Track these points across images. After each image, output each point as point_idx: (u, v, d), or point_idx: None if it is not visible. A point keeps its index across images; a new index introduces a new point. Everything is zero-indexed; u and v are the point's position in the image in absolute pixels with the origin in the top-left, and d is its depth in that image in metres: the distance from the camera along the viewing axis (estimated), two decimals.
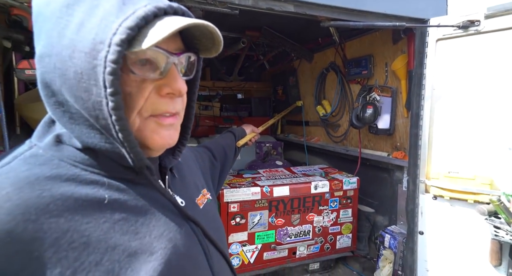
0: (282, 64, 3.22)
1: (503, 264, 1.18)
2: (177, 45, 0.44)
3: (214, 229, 0.56)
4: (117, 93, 0.37)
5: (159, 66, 0.42)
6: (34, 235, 0.34)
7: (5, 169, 0.38)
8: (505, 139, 1.21)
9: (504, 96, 1.21)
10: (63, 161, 0.41)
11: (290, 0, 1.21)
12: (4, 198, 0.34)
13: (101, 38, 0.36)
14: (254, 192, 1.71)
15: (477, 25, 1.22)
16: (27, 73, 1.10)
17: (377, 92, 1.90)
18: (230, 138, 1.11)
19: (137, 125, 0.43)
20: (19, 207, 0.34)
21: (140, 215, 0.44)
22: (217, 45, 0.46)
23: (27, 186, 0.36)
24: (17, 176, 0.37)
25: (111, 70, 0.36)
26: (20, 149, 0.43)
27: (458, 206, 1.33)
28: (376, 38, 1.96)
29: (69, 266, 0.35)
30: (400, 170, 1.84)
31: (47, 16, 0.39)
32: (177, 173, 0.59)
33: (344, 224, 1.96)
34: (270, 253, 1.79)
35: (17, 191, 0.35)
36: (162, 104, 0.43)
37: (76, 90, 0.38)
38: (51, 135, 0.43)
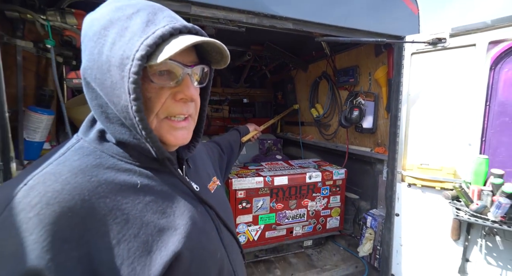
0: (281, 73, 3.23)
1: (461, 238, 1.22)
2: (191, 58, 0.46)
3: (223, 210, 0.58)
4: (138, 98, 0.39)
5: (175, 76, 0.43)
6: (88, 211, 0.37)
7: (62, 159, 0.41)
8: (465, 136, 1.25)
9: (465, 101, 1.25)
10: (104, 153, 0.43)
11: (289, 19, 1.22)
12: (65, 181, 0.37)
13: (127, 54, 0.38)
14: (258, 181, 1.73)
15: (444, 42, 1.25)
16: (74, 82, 1.16)
17: (362, 97, 1.92)
18: (235, 135, 1.12)
19: (154, 125, 0.44)
20: (76, 189, 0.37)
21: (165, 198, 0.45)
22: (225, 59, 0.48)
23: (80, 172, 0.39)
24: (71, 164, 0.40)
25: (133, 80, 0.38)
26: (70, 142, 0.45)
27: (428, 192, 1.37)
28: (361, 51, 1.98)
29: (114, 237, 0.38)
30: (381, 163, 1.86)
31: (90, 37, 0.41)
32: (192, 163, 0.60)
33: (333, 208, 1.98)
34: (271, 232, 1.82)
35: (73, 176, 0.38)
36: (176, 107, 0.45)
37: (111, 96, 0.41)
38: (95, 130, 0.45)
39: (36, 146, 1.27)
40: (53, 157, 0.41)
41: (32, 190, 0.36)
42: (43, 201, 0.35)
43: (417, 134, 1.42)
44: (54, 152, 0.43)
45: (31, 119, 1.23)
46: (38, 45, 1.21)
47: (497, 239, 1.08)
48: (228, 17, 1.12)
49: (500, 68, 1.16)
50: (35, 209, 0.34)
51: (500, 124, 1.17)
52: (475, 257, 1.21)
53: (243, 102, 3.65)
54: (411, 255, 1.45)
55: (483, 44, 1.18)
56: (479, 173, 1.16)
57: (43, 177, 0.37)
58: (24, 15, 1.03)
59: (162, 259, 0.40)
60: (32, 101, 1.35)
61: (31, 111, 1.23)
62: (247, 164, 2.15)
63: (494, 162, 1.16)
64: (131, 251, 0.38)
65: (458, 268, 1.25)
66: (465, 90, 1.25)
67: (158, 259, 0.40)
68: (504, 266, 1.14)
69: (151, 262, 0.39)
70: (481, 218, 1.08)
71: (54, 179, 0.37)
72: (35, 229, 0.33)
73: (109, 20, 0.40)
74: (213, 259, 0.49)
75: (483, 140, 1.21)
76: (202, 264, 0.46)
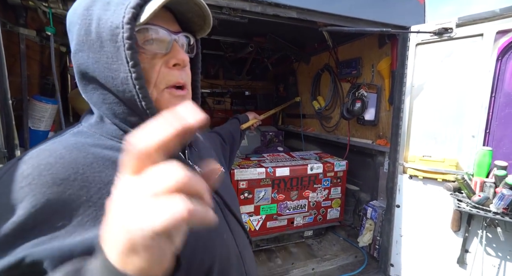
0: (283, 66, 3.19)
1: (461, 229, 1.22)
2: (175, 27, 0.45)
3: (228, 195, 0.57)
4: (137, 64, 0.38)
5: (164, 43, 0.43)
6: (81, 184, 0.36)
7: (58, 139, 0.41)
8: (469, 128, 1.22)
9: (470, 93, 1.22)
10: (103, 136, 0.43)
11: (293, 8, 1.19)
12: (59, 156, 0.36)
13: (116, 23, 0.38)
14: (259, 172, 1.72)
15: (450, 32, 1.21)
16: None
17: (364, 89, 1.89)
18: (235, 124, 1.11)
19: (155, 96, 0.43)
20: (71, 163, 0.36)
21: None
22: (207, 21, 0.46)
23: (75, 149, 0.38)
24: (67, 142, 0.39)
25: (128, 46, 0.37)
26: (70, 128, 0.45)
27: (430, 184, 1.36)
28: (364, 43, 1.93)
29: None
30: (382, 155, 1.84)
31: (74, 21, 0.41)
32: (196, 147, 0.59)
33: (334, 200, 1.97)
34: (272, 222, 1.82)
35: (68, 152, 0.37)
36: (172, 75, 0.44)
37: (108, 71, 0.40)
38: (95, 116, 0.45)
39: (41, 134, 1.26)
40: (51, 139, 0.41)
41: (25, 163, 0.35)
42: (35, 172, 0.34)
43: (420, 126, 1.40)
44: (54, 136, 0.43)
45: (36, 108, 1.22)
46: (41, 34, 1.19)
47: (498, 230, 1.07)
48: (231, 5, 1.09)
49: (508, 58, 1.13)
50: (27, 179, 0.34)
51: (505, 115, 1.14)
52: (474, 248, 1.20)
53: (245, 95, 3.62)
54: (411, 246, 1.45)
55: (491, 34, 1.14)
56: (482, 165, 1.14)
57: (36, 153, 0.37)
58: (26, 2, 1.00)
59: None
60: (37, 90, 1.34)
61: (35, 100, 1.22)
62: (249, 156, 2.14)
63: (497, 154, 1.14)
64: None
65: (457, 258, 1.25)
66: (470, 81, 1.22)
67: None
68: (503, 257, 1.13)
69: None
70: (483, 209, 1.07)
71: (48, 154, 0.36)
72: (26, 197, 0.33)
73: (91, 0, 0.40)
74: (219, 240, 0.48)
75: (487, 132, 1.19)
76: (208, 244, 0.45)
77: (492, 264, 1.16)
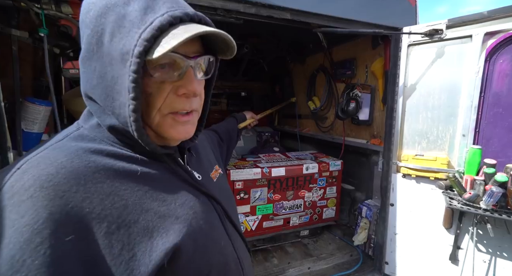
0: (279, 66, 3.19)
1: (453, 226, 1.24)
2: (195, 48, 0.42)
3: (226, 199, 0.56)
4: (137, 98, 0.37)
5: (177, 68, 0.40)
6: (84, 195, 0.35)
7: (58, 145, 0.39)
8: (460, 127, 1.25)
9: (461, 93, 1.25)
10: (104, 141, 0.41)
11: (287, 9, 1.20)
12: (60, 166, 0.35)
13: (127, 49, 0.35)
14: (255, 172, 1.73)
15: (440, 33, 1.24)
16: (71, 72, 1.13)
17: (358, 89, 1.91)
18: (233, 122, 1.11)
19: (157, 121, 0.42)
20: (72, 173, 0.35)
21: (166, 187, 0.44)
22: (231, 49, 0.44)
23: (77, 157, 0.37)
24: (68, 149, 0.38)
25: (132, 79, 0.35)
26: (70, 129, 0.43)
27: (422, 183, 1.38)
28: (358, 44, 1.96)
29: (114, 221, 0.36)
30: (376, 154, 1.86)
31: (87, 24, 0.39)
32: (194, 152, 0.58)
33: (329, 199, 1.99)
34: (268, 222, 1.83)
35: (69, 161, 0.36)
36: (178, 102, 0.42)
37: (110, 90, 0.38)
38: (95, 120, 0.43)
39: (34, 137, 1.25)
40: (49, 142, 0.40)
41: (25, 173, 0.34)
42: (36, 184, 0.33)
43: (413, 125, 1.42)
44: (52, 139, 0.41)
45: (29, 110, 1.21)
46: (34, 35, 1.18)
47: (488, 226, 1.09)
48: (225, 6, 1.10)
49: (495, 59, 1.16)
50: (28, 192, 0.32)
51: (494, 115, 1.17)
52: (466, 244, 1.23)
53: (241, 95, 3.62)
54: (405, 244, 1.47)
55: (479, 35, 1.17)
56: (472, 163, 1.16)
57: (36, 161, 0.36)
58: (18, 3, 0.99)
59: (163, 245, 0.38)
60: (30, 92, 1.33)
61: (28, 102, 1.21)
62: (245, 156, 2.14)
63: (487, 152, 1.17)
64: (131, 236, 0.37)
65: (449, 255, 1.27)
66: (461, 82, 1.24)
67: (160, 245, 0.38)
68: (493, 253, 1.16)
69: (152, 248, 0.37)
70: (473, 206, 1.10)
71: (48, 163, 0.35)
72: (28, 211, 0.31)
73: (105, 6, 0.37)
74: (216, 247, 0.47)
75: (477, 131, 1.21)
76: (205, 252, 0.44)
77: (482, 260, 1.18)
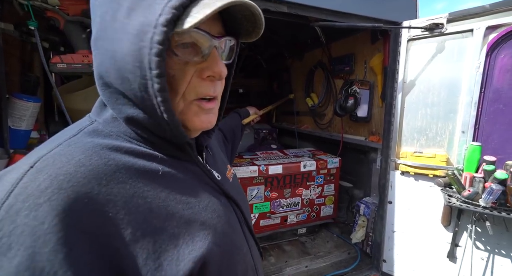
0: (277, 63, 3.17)
1: (452, 224, 1.24)
2: (218, 29, 0.39)
3: (242, 201, 0.53)
4: (162, 75, 0.33)
5: (201, 49, 0.37)
6: (107, 197, 0.31)
7: (73, 140, 0.35)
8: (459, 124, 1.24)
9: (461, 88, 1.23)
10: (120, 137, 0.38)
11: (284, 2, 1.17)
12: (78, 163, 0.31)
13: (149, 20, 0.31)
14: (252, 170, 1.71)
15: (441, 27, 1.22)
16: (59, 67, 1.09)
17: (357, 85, 1.90)
18: (237, 119, 1.07)
19: (181, 108, 0.39)
20: (92, 172, 0.32)
21: (188, 188, 0.41)
22: (258, 28, 0.40)
23: (95, 154, 0.33)
24: (84, 145, 0.34)
25: (157, 51, 0.31)
26: (82, 123, 0.39)
27: (421, 180, 1.37)
28: (357, 39, 1.93)
29: (139, 227, 0.32)
30: (375, 151, 1.85)
31: (102, 2, 0.35)
32: (210, 150, 0.55)
33: (327, 197, 1.98)
34: (265, 221, 1.82)
35: (88, 158, 0.32)
36: (203, 87, 0.39)
37: (124, 71, 0.34)
38: (110, 112, 0.39)
39: (22, 134, 1.22)
40: (62, 138, 0.35)
41: (40, 173, 0.30)
42: (54, 185, 0.29)
43: (412, 122, 1.41)
44: (64, 134, 0.37)
45: (16, 107, 1.17)
46: (21, 28, 1.14)
47: (487, 224, 1.09)
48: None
49: (497, 54, 1.14)
50: (45, 194, 0.28)
51: (494, 111, 1.16)
52: (464, 242, 1.23)
53: (238, 92, 3.59)
54: (403, 241, 1.46)
55: (481, 29, 1.15)
56: (472, 160, 1.15)
57: (52, 159, 0.31)
58: None
59: (190, 254, 0.35)
60: (18, 88, 1.29)
61: (15, 98, 1.17)
62: (242, 153, 2.12)
63: (486, 149, 1.16)
64: (157, 244, 0.33)
65: (447, 253, 1.27)
66: (461, 77, 1.23)
67: (187, 254, 0.35)
68: (491, 250, 1.16)
69: (179, 257, 0.34)
70: (472, 204, 1.09)
71: (65, 161, 0.31)
72: (47, 217, 0.27)
73: None
74: (240, 255, 0.45)
75: (477, 128, 1.20)
76: (231, 260, 0.42)
77: (480, 258, 1.18)
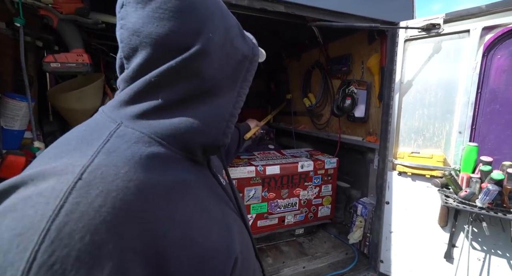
0: (274, 63, 3.16)
1: (449, 224, 1.24)
2: None
3: (242, 205, 0.53)
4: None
5: None
6: (155, 215, 0.29)
7: (109, 148, 0.32)
8: (456, 124, 1.24)
9: (458, 89, 1.23)
10: (152, 138, 0.35)
11: (281, 2, 1.17)
12: (126, 177, 0.29)
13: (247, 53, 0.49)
14: (249, 170, 1.70)
15: (438, 28, 1.22)
16: (52, 66, 1.08)
17: (354, 85, 1.90)
18: (234, 133, 1.03)
19: None
20: (138, 187, 0.29)
21: (210, 195, 0.41)
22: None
23: (138, 166, 0.31)
24: (124, 155, 0.31)
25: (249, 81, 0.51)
26: (106, 124, 0.35)
27: (418, 180, 1.37)
28: (354, 39, 1.93)
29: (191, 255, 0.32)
30: (372, 151, 1.85)
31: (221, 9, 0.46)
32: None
33: (324, 197, 1.98)
34: (263, 221, 1.81)
35: (133, 171, 0.30)
36: None
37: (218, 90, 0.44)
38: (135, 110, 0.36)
39: (16, 134, 1.19)
40: (94, 143, 0.32)
41: (92, 187, 0.27)
42: (108, 204, 0.26)
43: (409, 122, 1.41)
44: (88, 136, 0.33)
45: (8, 107, 1.15)
46: (13, 26, 1.12)
47: (484, 225, 1.09)
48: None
49: (493, 54, 1.14)
50: (100, 214, 0.26)
51: (491, 111, 1.16)
52: (461, 242, 1.23)
53: None
54: (400, 242, 1.46)
55: (477, 30, 1.15)
56: (469, 160, 1.16)
57: (100, 170, 0.28)
58: None
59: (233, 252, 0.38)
60: (11, 88, 1.27)
61: (8, 97, 1.15)
62: (239, 154, 2.10)
63: (483, 149, 1.16)
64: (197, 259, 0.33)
65: (444, 253, 1.27)
66: (458, 77, 1.23)
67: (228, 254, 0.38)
68: (488, 251, 1.16)
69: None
70: (469, 205, 1.09)
71: (113, 174, 0.29)
72: (107, 243, 0.25)
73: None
74: (252, 257, 0.47)
75: (473, 128, 1.20)
76: (248, 264, 0.43)
77: (477, 258, 1.18)
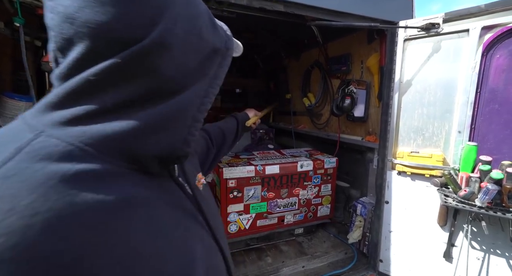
0: (274, 63, 3.16)
1: (448, 224, 1.24)
2: None
3: (212, 216, 0.46)
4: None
5: None
6: (76, 254, 0.23)
7: (9, 168, 0.23)
8: (456, 124, 1.24)
9: (457, 88, 1.23)
10: (84, 151, 0.27)
11: (280, 1, 1.17)
12: (28, 211, 0.22)
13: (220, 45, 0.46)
14: (249, 170, 1.70)
15: (437, 27, 1.21)
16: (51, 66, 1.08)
17: (354, 85, 1.89)
18: (231, 123, 0.98)
19: None
20: (49, 222, 0.22)
21: (174, 209, 0.37)
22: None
23: (56, 191, 0.24)
24: (32, 178, 0.23)
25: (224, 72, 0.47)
26: (19, 135, 0.27)
27: (417, 180, 1.37)
28: (353, 39, 1.93)
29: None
30: (372, 151, 1.85)
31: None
32: None
33: (324, 197, 1.98)
34: (262, 221, 1.81)
35: (42, 200, 0.22)
36: None
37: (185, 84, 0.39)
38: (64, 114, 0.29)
39: None
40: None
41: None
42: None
43: (408, 122, 1.41)
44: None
45: (8, 106, 1.15)
46: (12, 26, 1.12)
47: (483, 224, 1.09)
48: None
49: (492, 54, 1.14)
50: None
51: (490, 111, 1.16)
52: (460, 242, 1.23)
53: (235, 92, 3.58)
54: (399, 241, 1.46)
55: (476, 29, 1.15)
56: (468, 160, 1.15)
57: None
58: None
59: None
60: (10, 87, 1.27)
61: (7, 97, 1.15)
62: (239, 153, 2.11)
63: (482, 149, 1.16)
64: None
65: (443, 252, 1.27)
66: (457, 77, 1.23)
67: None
68: (487, 250, 1.16)
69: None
70: (468, 204, 1.09)
71: (7, 209, 0.21)
72: None
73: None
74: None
75: (473, 128, 1.20)
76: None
77: (476, 257, 1.18)
